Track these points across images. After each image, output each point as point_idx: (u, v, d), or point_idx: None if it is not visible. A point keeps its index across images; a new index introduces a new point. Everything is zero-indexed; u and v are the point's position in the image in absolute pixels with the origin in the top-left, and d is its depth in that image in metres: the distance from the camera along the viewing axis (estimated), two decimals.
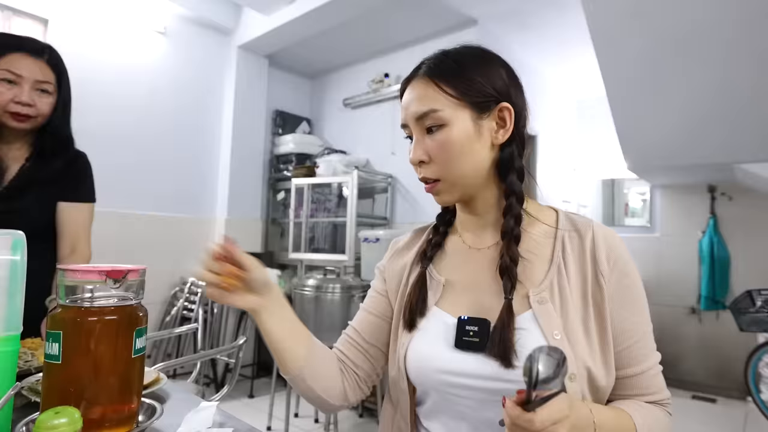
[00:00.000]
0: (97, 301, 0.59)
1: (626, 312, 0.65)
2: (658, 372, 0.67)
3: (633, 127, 2.70)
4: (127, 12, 3.10)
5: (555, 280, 0.66)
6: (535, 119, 4.22)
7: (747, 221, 3.52)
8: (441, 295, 0.72)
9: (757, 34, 1.85)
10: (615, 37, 2.15)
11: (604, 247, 0.67)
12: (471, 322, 0.66)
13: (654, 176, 3.75)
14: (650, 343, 0.67)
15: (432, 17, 3.12)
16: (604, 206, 4.62)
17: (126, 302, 0.60)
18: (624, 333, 0.65)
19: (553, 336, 0.61)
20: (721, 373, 3.52)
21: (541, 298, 0.65)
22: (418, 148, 0.69)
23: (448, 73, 0.69)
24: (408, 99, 0.71)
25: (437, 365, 0.66)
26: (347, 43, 3.58)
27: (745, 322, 2.66)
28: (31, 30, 2.75)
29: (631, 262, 0.68)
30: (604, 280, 0.65)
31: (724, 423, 2.95)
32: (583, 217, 0.73)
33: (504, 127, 0.70)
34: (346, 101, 3.89)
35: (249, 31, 3.53)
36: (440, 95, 0.67)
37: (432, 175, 0.69)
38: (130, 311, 0.61)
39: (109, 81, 2.99)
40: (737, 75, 2.10)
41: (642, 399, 0.66)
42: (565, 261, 0.67)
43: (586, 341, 0.63)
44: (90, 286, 0.58)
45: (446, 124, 0.67)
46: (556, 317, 0.63)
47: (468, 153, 0.67)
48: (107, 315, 0.59)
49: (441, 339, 0.67)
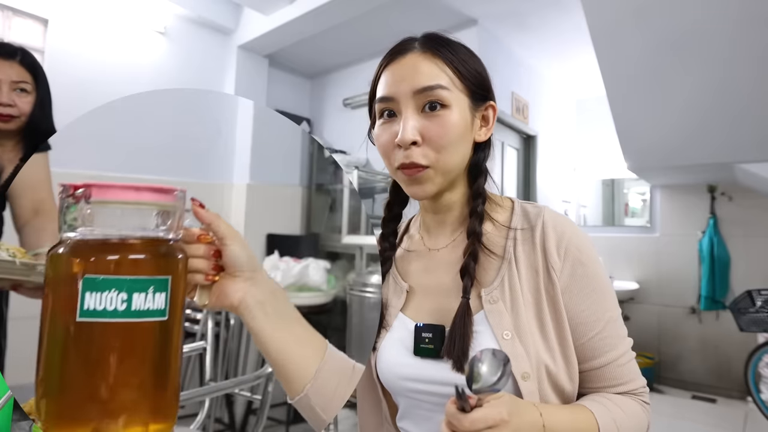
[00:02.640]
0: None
1: (584, 303, 0.62)
2: (629, 360, 0.64)
3: (633, 127, 2.69)
4: (127, 12, 3.10)
5: (506, 277, 0.64)
6: (534, 119, 4.22)
7: (747, 221, 3.52)
8: (405, 301, 0.70)
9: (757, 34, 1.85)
10: (615, 36, 2.15)
11: (554, 236, 0.64)
12: (426, 329, 0.64)
13: (654, 176, 3.75)
14: (616, 331, 0.63)
15: (432, 17, 3.12)
16: (604, 206, 4.62)
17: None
18: (584, 325, 0.62)
19: (503, 336, 0.60)
20: (721, 373, 3.51)
21: (492, 297, 0.63)
22: (411, 127, 0.61)
23: (454, 53, 0.65)
24: (404, 71, 0.63)
25: (400, 372, 0.65)
26: (347, 43, 3.58)
27: (745, 322, 2.66)
28: (31, 30, 2.75)
29: (585, 248, 0.64)
30: (555, 273, 0.62)
31: (724, 423, 2.94)
32: (536, 206, 0.69)
33: (486, 126, 0.69)
34: (346, 101, 3.89)
35: (249, 31, 3.53)
36: (446, 73, 0.63)
37: (423, 160, 0.62)
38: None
39: (109, 81, 2.99)
40: (737, 75, 2.10)
41: (613, 390, 0.63)
42: (516, 256, 0.65)
43: (541, 338, 0.61)
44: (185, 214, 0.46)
45: (449, 106, 0.62)
46: (506, 316, 0.61)
47: (461, 142, 0.64)
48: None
49: (403, 346, 0.66)
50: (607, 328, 0.62)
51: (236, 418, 2.35)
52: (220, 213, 0.53)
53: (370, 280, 1.89)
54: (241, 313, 0.55)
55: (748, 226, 3.53)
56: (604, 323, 0.62)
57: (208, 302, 0.54)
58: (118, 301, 0.40)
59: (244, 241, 0.54)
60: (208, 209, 0.52)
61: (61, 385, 0.41)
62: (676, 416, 3.00)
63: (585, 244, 0.65)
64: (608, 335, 0.62)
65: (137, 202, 0.42)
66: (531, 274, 0.64)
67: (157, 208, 0.43)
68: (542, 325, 0.62)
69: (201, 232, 0.53)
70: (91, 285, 0.40)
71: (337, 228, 2.66)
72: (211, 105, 0.65)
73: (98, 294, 0.40)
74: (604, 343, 0.62)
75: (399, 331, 0.68)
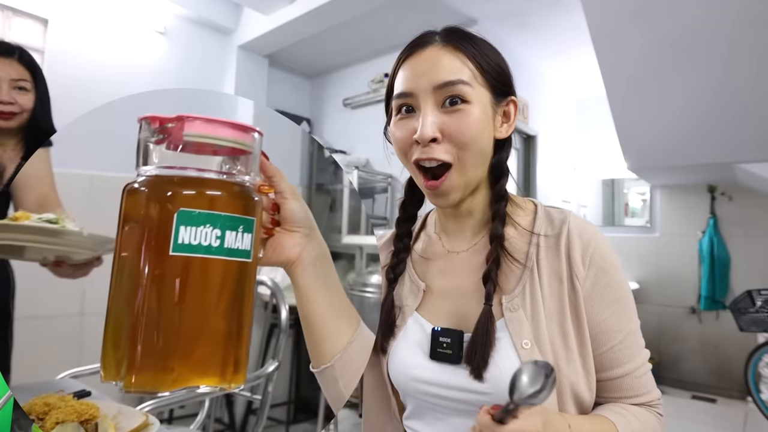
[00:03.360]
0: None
1: (606, 312, 0.61)
2: (646, 371, 0.63)
3: (633, 127, 2.69)
4: (127, 12, 3.10)
5: (528, 285, 0.62)
6: (535, 119, 4.21)
7: (747, 221, 3.52)
8: (421, 302, 0.68)
9: (756, 34, 1.85)
10: (615, 36, 2.15)
11: (579, 244, 0.62)
12: (444, 333, 0.62)
13: (654, 176, 3.75)
14: (636, 342, 0.63)
15: (432, 17, 3.12)
16: (604, 206, 4.62)
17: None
18: (605, 334, 0.61)
19: (522, 345, 0.58)
20: (721, 373, 3.51)
21: (512, 305, 0.61)
22: (430, 123, 0.58)
23: (476, 47, 0.62)
24: (424, 66, 0.61)
25: (413, 374, 0.63)
26: (347, 43, 3.58)
27: (745, 322, 2.66)
28: (31, 30, 2.75)
29: (610, 257, 0.63)
30: (579, 282, 0.61)
31: (724, 423, 2.95)
32: (560, 211, 0.67)
33: (508, 122, 0.66)
34: (346, 101, 3.89)
35: (249, 31, 3.53)
36: (467, 68, 0.61)
37: (445, 156, 0.59)
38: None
39: (109, 81, 2.99)
40: (737, 75, 2.10)
41: (629, 401, 0.62)
42: (539, 264, 0.63)
43: (563, 347, 0.59)
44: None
45: (470, 101, 0.59)
46: (526, 325, 0.59)
47: (482, 139, 0.61)
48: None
49: (417, 347, 0.64)
50: (627, 338, 0.61)
51: (236, 418, 2.34)
52: None
53: (370, 280, 1.89)
54: (294, 269, 0.55)
55: (748, 226, 3.53)
56: (625, 333, 0.61)
57: (263, 256, 0.53)
58: (212, 236, 0.39)
59: (302, 198, 0.54)
60: (271, 162, 0.51)
61: (145, 330, 0.38)
62: (676, 416, 3.00)
63: (609, 252, 0.63)
64: (628, 345, 0.61)
65: (224, 138, 0.40)
66: (554, 283, 0.62)
67: (241, 146, 0.42)
68: (564, 335, 0.60)
69: (262, 183, 0.51)
70: (186, 219, 0.38)
71: (337, 228, 2.69)
72: (211, 105, 0.64)
73: (193, 228, 0.38)
74: (623, 353, 0.61)
75: (415, 332, 0.66)
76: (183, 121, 0.39)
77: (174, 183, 0.40)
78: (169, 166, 0.40)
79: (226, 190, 0.41)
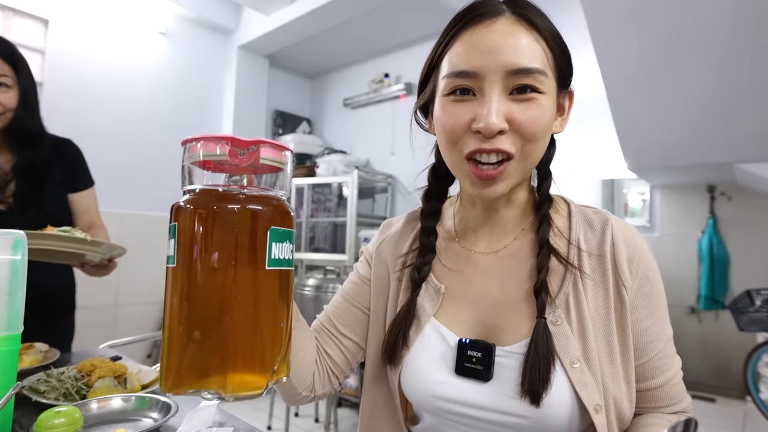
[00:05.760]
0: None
1: (648, 321, 0.57)
2: (680, 379, 0.60)
3: (633, 127, 2.70)
4: (127, 12, 3.11)
5: (571, 294, 0.56)
6: None
7: (747, 221, 3.52)
8: (440, 306, 0.61)
9: (754, 34, 1.86)
10: (614, 37, 2.15)
11: (626, 251, 0.57)
12: (474, 346, 0.55)
13: (654, 176, 3.75)
14: (672, 349, 0.59)
15: (432, 17, 3.12)
16: (604, 206, 4.62)
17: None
18: (646, 344, 0.56)
19: (571, 365, 0.52)
20: (720, 372, 3.52)
21: (555, 317, 0.55)
22: (496, 111, 0.50)
23: (548, 26, 0.54)
24: (494, 41, 0.51)
25: (435, 390, 0.57)
26: (347, 43, 3.58)
27: (744, 321, 2.67)
28: (31, 30, 2.75)
29: (652, 263, 0.59)
30: (626, 292, 0.56)
31: (724, 423, 2.95)
32: (597, 212, 0.62)
33: (562, 116, 0.59)
34: (346, 101, 3.89)
35: (249, 31, 3.54)
36: (543, 51, 0.53)
37: (510, 148, 0.52)
38: None
39: (109, 81, 2.99)
40: (736, 74, 2.10)
41: (666, 410, 0.58)
42: (582, 270, 0.57)
43: (609, 363, 0.54)
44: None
45: (544, 92, 0.52)
46: (573, 341, 0.53)
47: (547, 134, 0.55)
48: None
49: (440, 360, 0.58)
50: (666, 347, 0.58)
51: None
52: None
53: (308, 283, 2.47)
54: None
55: (747, 226, 3.53)
56: (664, 342, 0.58)
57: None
58: (288, 251, 0.42)
59: None
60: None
61: (245, 337, 0.40)
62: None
63: (651, 258, 0.59)
64: (666, 354, 0.58)
65: (278, 161, 0.43)
66: (599, 291, 0.56)
67: (278, 164, 0.44)
68: (610, 349, 0.55)
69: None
70: (275, 236, 0.41)
71: None
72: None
73: (279, 244, 0.41)
74: (662, 363, 0.57)
75: (436, 342, 0.59)
76: (260, 147, 0.42)
77: (241, 200, 0.41)
78: (226, 185, 0.43)
79: (277, 206, 0.44)
